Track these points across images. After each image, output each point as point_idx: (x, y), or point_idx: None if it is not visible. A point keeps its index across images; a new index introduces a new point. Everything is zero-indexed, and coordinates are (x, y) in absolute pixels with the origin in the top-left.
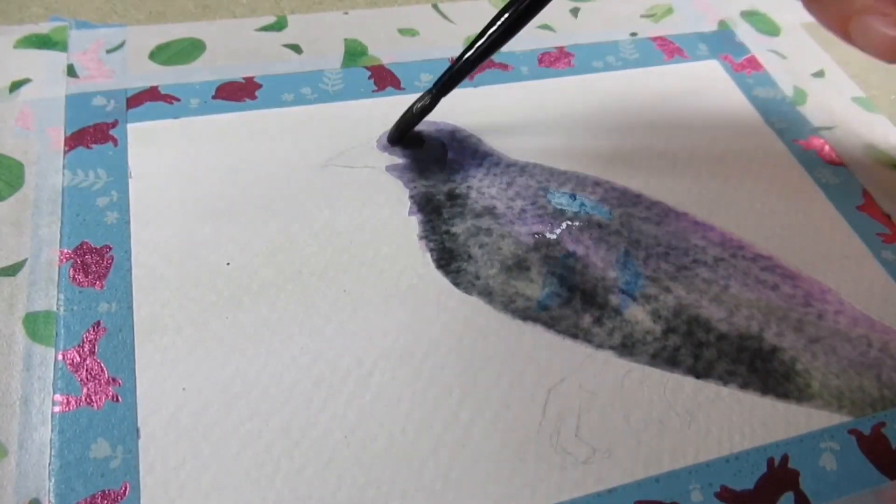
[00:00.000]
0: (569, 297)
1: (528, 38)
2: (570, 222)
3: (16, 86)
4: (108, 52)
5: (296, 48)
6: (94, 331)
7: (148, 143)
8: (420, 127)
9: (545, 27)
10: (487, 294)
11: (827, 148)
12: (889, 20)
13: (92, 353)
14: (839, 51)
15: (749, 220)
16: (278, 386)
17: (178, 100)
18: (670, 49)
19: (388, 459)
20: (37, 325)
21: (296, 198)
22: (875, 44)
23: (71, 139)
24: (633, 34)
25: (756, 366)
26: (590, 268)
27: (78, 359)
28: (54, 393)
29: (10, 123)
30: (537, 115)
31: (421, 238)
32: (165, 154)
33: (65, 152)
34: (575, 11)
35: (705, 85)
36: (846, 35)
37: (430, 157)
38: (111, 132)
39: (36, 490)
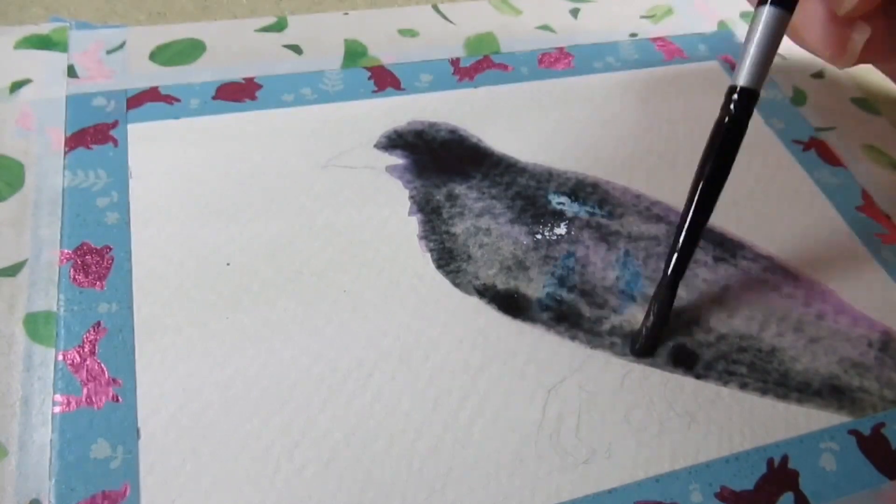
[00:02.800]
0: (569, 297)
1: (528, 39)
2: (569, 222)
3: (16, 86)
4: (109, 52)
5: (296, 49)
6: (94, 331)
7: (148, 143)
8: (419, 126)
9: (545, 28)
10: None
11: (827, 148)
12: None
13: (92, 353)
14: None
15: (749, 220)
16: (278, 386)
17: (178, 100)
18: (670, 50)
19: (388, 459)
20: (37, 326)
21: (296, 198)
22: None
23: (71, 139)
24: (633, 35)
25: (756, 366)
26: (590, 268)
27: (78, 359)
28: (54, 393)
29: (11, 124)
30: (537, 115)
31: (421, 238)
32: (165, 154)
33: (65, 153)
34: (575, 12)
35: (705, 85)
36: None
37: (430, 158)
38: (111, 132)
39: (36, 490)
